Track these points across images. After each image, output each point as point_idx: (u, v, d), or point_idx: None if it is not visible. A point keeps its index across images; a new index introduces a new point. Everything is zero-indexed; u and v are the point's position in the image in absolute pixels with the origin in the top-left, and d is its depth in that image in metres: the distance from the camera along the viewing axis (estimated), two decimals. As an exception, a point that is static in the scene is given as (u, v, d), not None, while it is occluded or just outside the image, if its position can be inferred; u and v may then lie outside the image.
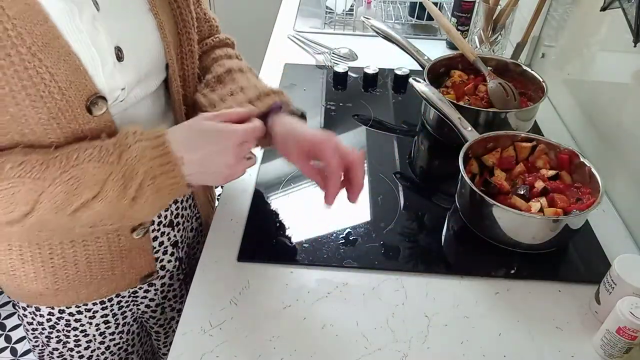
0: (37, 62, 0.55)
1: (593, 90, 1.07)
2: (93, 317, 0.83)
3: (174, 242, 0.87)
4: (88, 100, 0.60)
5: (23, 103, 0.56)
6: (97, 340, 0.87)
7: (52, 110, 0.58)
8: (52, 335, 0.84)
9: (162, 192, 0.63)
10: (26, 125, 0.58)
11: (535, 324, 0.74)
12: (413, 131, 1.14)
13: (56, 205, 0.60)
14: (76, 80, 0.59)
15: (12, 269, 0.74)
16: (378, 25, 1.22)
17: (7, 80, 0.54)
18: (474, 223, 0.86)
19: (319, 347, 0.70)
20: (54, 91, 0.57)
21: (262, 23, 2.05)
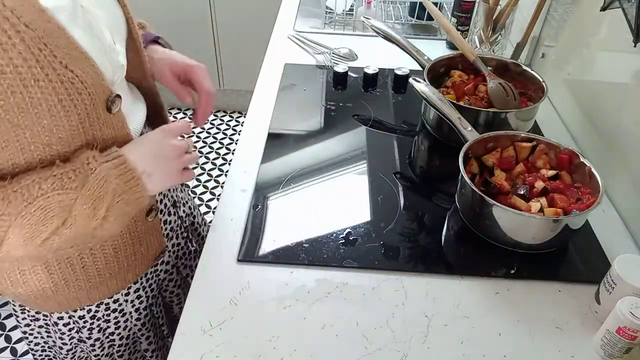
0: (70, 74, 0.59)
1: (593, 90, 1.07)
2: (128, 293, 0.87)
3: (173, 202, 0.92)
4: (108, 100, 0.65)
5: (57, 115, 0.59)
6: (134, 317, 0.90)
7: (82, 116, 0.62)
8: (93, 326, 0.86)
9: (129, 208, 0.68)
10: (55, 135, 0.61)
11: (535, 324, 0.74)
12: (413, 131, 1.14)
13: (25, 237, 0.61)
14: (99, 84, 0.63)
15: (41, 284, 0.74)
16: (378, 25, 1.22)
17: (45, 98, 0.57)
18: (474, 223, 0.86)
19: (319, 347, 0.70)
20: (85, 98, 0.61)
21: (262, 23, 2.05)
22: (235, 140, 2.65)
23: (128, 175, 0.66)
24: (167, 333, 1.02)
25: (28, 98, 0.56)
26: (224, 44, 2.52)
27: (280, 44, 1.45)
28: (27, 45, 0.54)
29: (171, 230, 0.93)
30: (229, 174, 0.98)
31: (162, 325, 0.99)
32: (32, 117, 0.58)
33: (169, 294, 1.01)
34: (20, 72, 0.54)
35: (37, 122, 0.58)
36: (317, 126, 1.12)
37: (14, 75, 0.54)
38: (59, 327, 0.86)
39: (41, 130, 0.59)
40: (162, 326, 0.99)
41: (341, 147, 1.06)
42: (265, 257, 0.82)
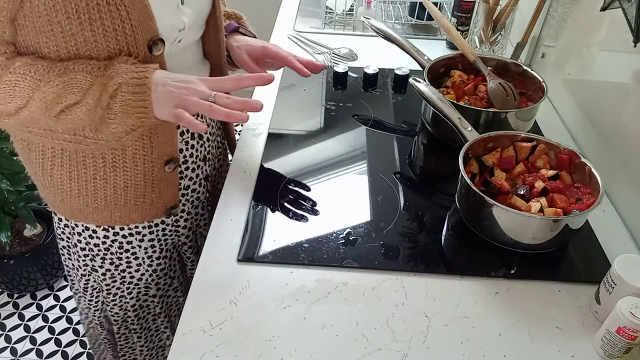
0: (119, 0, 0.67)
1: (593, 90, 1.07)
2: (142, 240, 0.93)
3: (206, 175, 0.99)
4: (150, 41, 0.72)
5: (97, 30, 0.68)
6: (146, 263, 0.96)
7: (121, 43, 0.70)
8: (106, 257, 0.93)
9: (130, 111, 0.72)
10: (94, 51, 0.70)
11: (535, 324, 0.74)
12: (413, 131, 1.14)
13: (45, 104, 0.70)
14: (145, 21, 0.70)
15: (61, 184, 0.84)
16: (378, 25, 1.22)
17: (89, 10, 0.66)
18: (474, 223, 0.86)
19: (319, 347, 0.70)
20: (126, 27, 0.69)
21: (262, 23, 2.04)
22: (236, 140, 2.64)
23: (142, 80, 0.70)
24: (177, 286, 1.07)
25: (74, 4, 0.65)
26: (224, 44, 2.51)
27: (280, 44, 1.44)
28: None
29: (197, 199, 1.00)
30: (229, 174, 0.98)
31: (173, 279, 1.04)
32: (76, 24, 0.67)
33: (186, 259, 1.06)
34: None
35: (79, 32, 0.67)
36: (317, 126, 1.12)
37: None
38: (77, 250, 0.93)
39: (83, 42, 0.68)
40: (174, 279, 1.05)
41: (341, 147, 1.06)
42: (265, 257, 0.82)
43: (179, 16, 0.76)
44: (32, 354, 1.73)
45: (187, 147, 0.91)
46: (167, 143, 0.84)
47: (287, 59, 0.93)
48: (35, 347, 1.75)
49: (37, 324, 1.81)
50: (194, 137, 0.92)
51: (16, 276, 1.82)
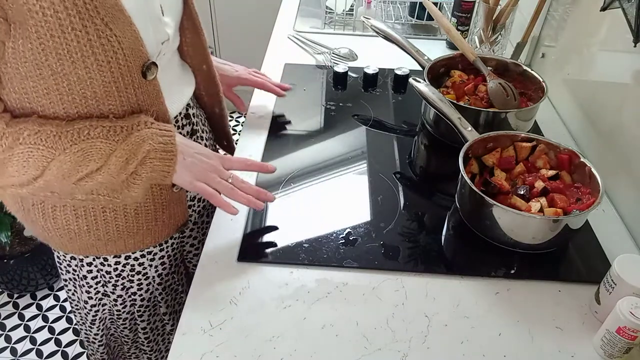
0: (109, 31, 0.64)
1: (593, 90, 1.07)
2: (153, 259, 0.92)
3: None
4: (144, 66, 0.70)
5: (91, 67, 0.65)
6: (156, 282, 0.95)
7: (115, 75, 0.67)
8: (117, 283, 0.92)
9: (154, 175, 0.73)
10: (89, 88, 0.67)
11: (535, 324, 0.74)
12: (413, 131, 1.14)
13: (63, 173, 0.68)
14: (136, 48, 0.68)
15: (67, 224, 0.81)
16: (378, 25, 1.22)
17: (81, 48, 0.63)
18: (474, 223, 0.86)
19: (319, 347, 0.70)
20: (119, 57, 0.66)
21: (262, 23, 2.05)
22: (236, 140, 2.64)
23: (168, 146, 0.72)
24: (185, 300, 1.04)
25: (65, 44, 0.62)
26: (224, 44, 2.51)
27: (280, 44, 1.45)
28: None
29: (203, 208, 0.99)
30: (229, 174, 0.98)
31: (181, 293, 1.03)
32: (68, 64, 0.63)
33: (192, 266, 1.06)
34: (59, 17, 0.60)
35: (72, 72, 0.64)
36: (317, 126, 1.12)
37: (53, 19, 0.60)
38: (87, 281, 0.92)
39: (77, 80, 0.65)
40: (182, 293, 1.04)
41: (341, 147, 1.06)
42: (265, 257, 0.82)
43: (162, 28, 0.74)
44: (32, 354, 1.73)
45: None
46: None
47: (263, 84, 1.10)
48: (35, 347, 1.75)
49: (37, 324, 1.81)
50: None
51: (16, 276, 1.82)
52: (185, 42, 0.87)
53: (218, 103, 1.01)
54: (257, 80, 1.10)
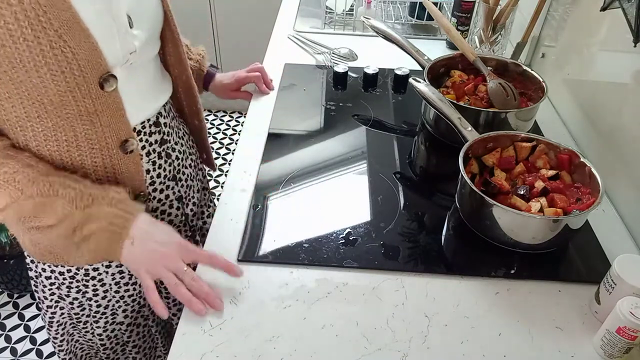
0: (62, 42, 0.64)
1: (593, 90, 1.07)
2: (109, 266, 0.89)
3: (179, 196, 0.95)
4: (101, 78, 0.70)
5: (45, 76, 0.66)
6: (113, 290, 0.92)
7: (70, 85, 0.68)
8: (72, 285, 0.90)
9: (98, 254, 0.75)
10: (45, 96, 0.67)
11: (535, 324, 0.74)
12: (413, 131, 1.14)
13: (19, 216, 0.71)
14: (93, 60, 0.68)
15: None
16: (378, 25, 1.22)
17: (33, 58, 0.64)
18: (474, 223, 0.86)
19: (319, 347, 0.70)
20: (74, 68, 0.66)
21: (262, 23, 2.05)
22: (235, 140, 2.65)
23: (118, 229, 0.73)
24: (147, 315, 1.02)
25: (17, 54, 0.63)
26: (224, 44, 2.52)
27: (280, 44, 1.45)
28: (24, 8, 0.61)
29: (170, 222, 0.95)
30: (229, 174, 0.98)
31: (143, 306, 1.00)
32: (22, 72, 0.64)
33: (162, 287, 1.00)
34: (10, 28, 0.61)
35: (27, 79, 0.65)
36: (317, 126, 1.12)
37: (4, 30, 0.61)
38: (42, 279, 0.91)
39: (32, 87, 0.66)
40: (143, 307, 1.00)
41: (341, 147, 1.06)
42: (265, 257, 0.82)
43: (129, 40, 0.74)
44: (32, 354, 1.73)
45: (154, 167, 0.87)
46: (132, 178, 0.82)
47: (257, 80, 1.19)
48: (35, 347, 1.75)
49: (37, 324, 1.81)
50: (161, 156, 0.88)
51: (16, 276, 1.82)
52: (167, 52, 0.88)
53: (196, 115, 1.01)
54: (251, 77, 1.17)
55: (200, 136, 1.05)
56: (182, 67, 0.91)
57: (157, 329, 1.07)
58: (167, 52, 0.88)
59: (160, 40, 0.85)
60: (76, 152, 0.75)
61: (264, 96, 1.20)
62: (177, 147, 0.94)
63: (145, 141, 0.84)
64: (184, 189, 0.97)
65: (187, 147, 0.99)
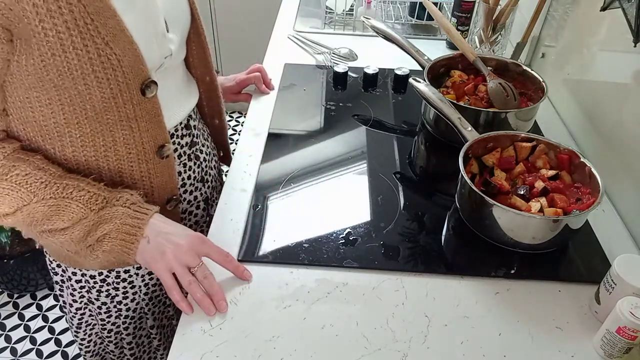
0: (109, 50, 0.66)
1: (593, 90, 1.07)
2: (140, 267, 0.89)
3: (205, 197, 0.97)
4: (143, 84, 0.71)
5: (91, 84, 0.67)
6: (142, 292, 0.93)
7: (114, 91, 0.69)
8: (102, 289, 0.90)
9: (112, 255, 0.74)
10: (89, 102, 0.68)
11: (535, 324, 0.74)
12: (413, 131, 1.14)
13: (31, 220, 0.71)
14: (136, 66, 0.69)
15: None
16: (378, 25, 1.22)
17: (81, 66, 0.65)
18: (474, 223, 0.86)
19: (319, 347, 0.70)
20: (118, 75, 0.68)
21: (262, 23, 2.05)
22: (235, 140, 2.65)
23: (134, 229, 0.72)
24: (172, 314, 1.03)
25: (66, 62, 0.64)
26: (224, 44, 2.52)
27: (280, 44, 1.45)
28: (74, 17, 0.62)
29: (195, 223, 0.97)
30: (229, 174, 0.98)
31: (168, 306, 1.01)
32: (69, 80, 0.65)
33: None
34: (61, 37, 0.62)
35: (73, 86, 0.66)
36: (317, 126, 1.12)
37: (55, 39, 0.62)
38: (72, 283, 0.91)
39: (77, 94, 0.67)
40: (169, 307, 1.01)
41: (341, 147, 1.06)
42: (265, 257, 0.81)
43: (166, 45, 0.76)
44: (32, 354, 1.73)
45: (184, 169, 0.90)
46: (168, 182, 0.83)
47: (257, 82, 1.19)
48: (35, 347, 1.75)
49: (37, 324, 1.82)
50: (191, 158, 0.91)
51: (16, 276, 1.82)
52: (191, 55, 0.88)
53: (218, 114, 1.02)
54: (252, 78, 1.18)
55: (221, 134, 1.07)
56: (207, 69, 0.92)
57: None
58: (191, 55, 0.88)
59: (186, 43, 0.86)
60: (114, 157, 0.75)
61: (264, 96, 1.20)
62: (204, 148, 0.96)
63: (177, 144, 0.86)
64: (209, 190, 0.98)
65: (210, 148, 1.01)
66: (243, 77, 1.17)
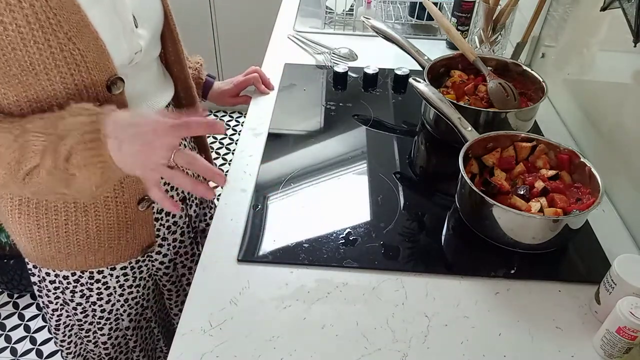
0: (72, 45, 0.64)
1: (593, 90, 1.07)
2: (114, 268, 0.89)
3: (182, 197, 0.95)
4: (109, 80, 0.70)
5: (54, 79, 0.65)
6: (117, 293, 0.92)
7: (79, 87, 0.67)
8: (76, 289, 0.89)
9: (91, 168, 0.65)
10: (54, 99, 0.67)
11: (535, 324, 0.74)
12: (413, 131, 1.14)
13: (10, 169, 0.66)
14: (101, 62, 0.68)
15: (29, 232, 0.81)
16: (378, 25, 1.22)
17: (43, 61, 0.63)
18: (474, 223, 0.86)
19: (319, 347, 0.70)
20: (82, 70, 0.66)
21: (262, 23, 2.05)
22: (235, 140, 2.65)
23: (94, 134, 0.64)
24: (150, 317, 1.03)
25: (27, 57, 0.62)
26: (224, 44, 2.52)
27: (280, 44, 1.45)
28: (35, 11, 0.61)
29: (174, 224, 0.95)
30: (229, 174, 0.98)
31: (146, 308, 1.00)
32: (32, 75, 0.64)
33: (163, 287, 1.02)
34: (21, 32, 0.61)
35: (36, 82, 0.65)
36: (317, 126, 1.12)
37: (15, 33, 0.61)
38: (46, 284, 0.90)
39: (41, 90, 0.66)
40: (147, 309, 1.00)
41: (341, 147, 1.06)
42: (265, 257, 0.82)
43: (135, 40, 0.74)
44: (32, 354, 1.73)
45: None
46: (138, 181, 0.81)
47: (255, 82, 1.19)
48: (35, 347, 1.75)
49: (37, 324, 1.81)
50: None
51: (16, 276, 1.82)
52: (167, 52, 0.88)
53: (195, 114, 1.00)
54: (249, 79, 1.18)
55: (200, 136, 1.05)
56: (181, 65, 0.92)
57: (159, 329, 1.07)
58: (167, 52, 0.88)
59: (161, 39, 0.86)
60: None
61: (263, 96, 1.20)
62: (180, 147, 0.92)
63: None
64: None
65: (189, 148, 0.99)
66: (241, 80, 1.17)
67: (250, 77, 1.18)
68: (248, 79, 1.18)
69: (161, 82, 0.88)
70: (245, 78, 1.17)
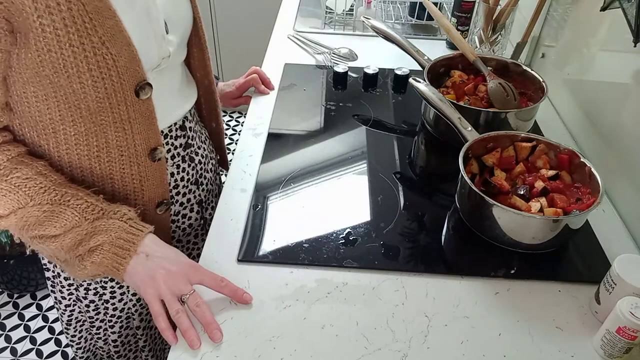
0: (105, 49, 0.66)
1: (593, 90, 1.07)
2: None
3: (199, 200, 0.96)
4: (137, 85, 0.71)
5: (86, 82, 0.67)
6: (130, 293, 0.93)
7: (109, 91, 0.69)
8: (90, 287, 0.90)
9: (101, 269, 0.71)
10: (83, 101, 0.68)
11: (535, 324, 0.74)
12: (413, 131, 1.14)
13: (24, 224, 0.69)
14: (131, 68, 0.69)
15: None
16: (378, 25, 1.22)
17: (77, 63, 0.65)
18: (474, 223, 0.86)
19: (319, 347, 0.70)
20: (113, 74, 0.68)
21: (262, 23, 2.05)
22: (235, 140, 2.65)
23: (127, 244, 0.71)
24: None
25: (61, 59, 0.64)
26: (224, 44, 2.52)
27: (280, 44, 1.45)
28: (72, 14, 0.62)
29: (189, 226, 0.96)
30: (229, 174, 0.98)
31: None
32: (64, 77, 0.65)
33: None
34: (58, 34, 0.62)
35: (68, 84, 0.66)
36: (317, 126, 1.12)
37: (52, 35, 0.62)
38: (60, 280, 0.91)
39: (72, 92, 0.67)
40: None
41: (341, 147, 1.06)
42: (265, 257, 0.82)
43: (164, 46, 0.76)
44: (32, 354, 1.73)
45: (177, 170, 0.89)
46: (158, 185, 0.82)
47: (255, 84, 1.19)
48: (35, 347, 1.75)
49: (37, 324, 1.82)
50: (185, 160, 0.90)
51: (16, 276, 1.82)
52: (192, 57, 0.89)
53: (215, 118, 1.02)
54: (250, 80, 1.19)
55: (218, 138, 1.06)
56: (205, 71, 0.92)
57: None
58: (192, 56, 0.89)
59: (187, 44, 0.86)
60: (106, 158, 0.75)
61: (264, 96, 1.20)
62: (200, 151, 0.95)
63: (170, 145, 0.86)
64: (204, 193, 0.98)
65: (208, 151, 1.00)
66: (242, 81, 1.18)
67: (250, 79, 1.19)
68: (248, 81, 1.18)
69: (185, 87, 0.89)
70: (247, 80, 1.18)
